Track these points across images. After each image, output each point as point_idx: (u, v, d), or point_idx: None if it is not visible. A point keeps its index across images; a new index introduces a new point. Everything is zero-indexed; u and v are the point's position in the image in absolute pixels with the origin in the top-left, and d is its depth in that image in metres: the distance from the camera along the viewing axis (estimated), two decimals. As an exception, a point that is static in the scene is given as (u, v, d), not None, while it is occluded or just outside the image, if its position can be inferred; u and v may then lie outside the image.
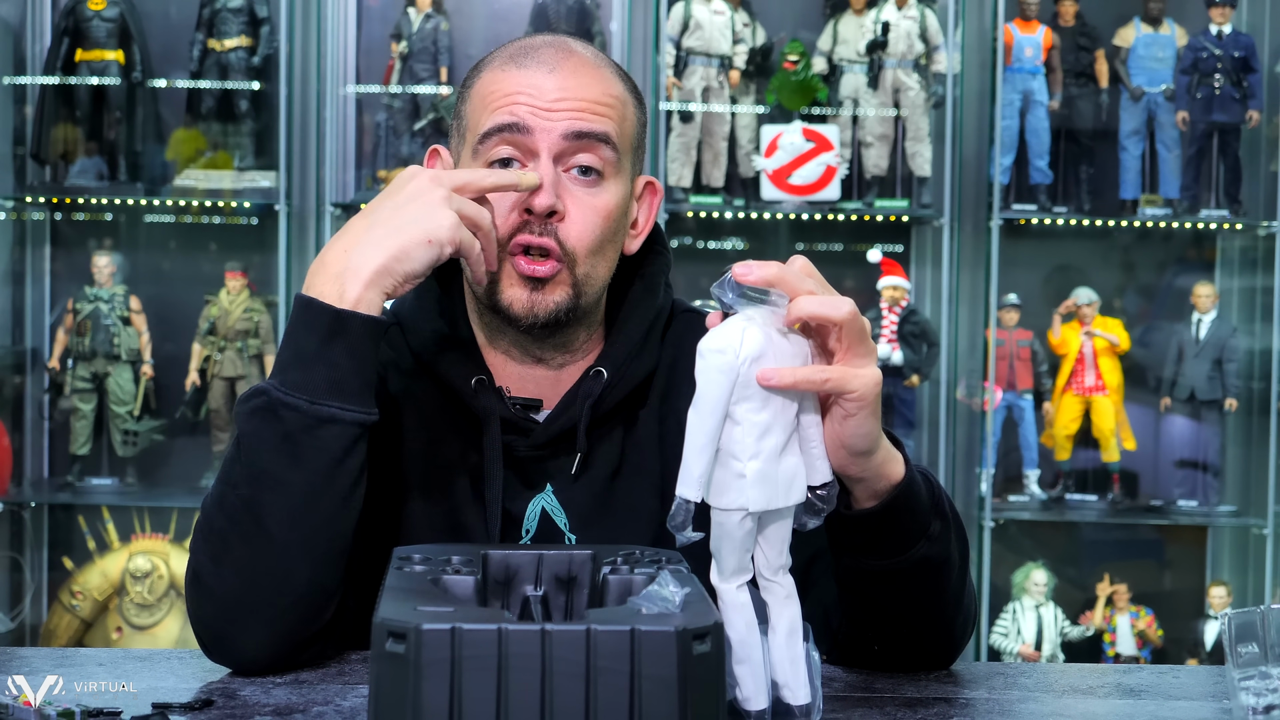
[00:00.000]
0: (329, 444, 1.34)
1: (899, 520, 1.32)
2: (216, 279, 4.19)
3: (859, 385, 1.21)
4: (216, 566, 1.37)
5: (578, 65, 1.50)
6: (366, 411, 1.36)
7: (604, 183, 1.49)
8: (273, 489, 1.34)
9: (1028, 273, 4.43)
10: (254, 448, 1.35)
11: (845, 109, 4.18)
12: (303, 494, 1.34)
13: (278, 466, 1.34)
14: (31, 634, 4.27)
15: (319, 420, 1.34)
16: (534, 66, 1.49)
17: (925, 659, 1.44)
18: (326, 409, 1.34)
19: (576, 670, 1.02)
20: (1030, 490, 4.31)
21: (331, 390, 1.35)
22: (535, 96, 1.47)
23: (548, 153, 1.46)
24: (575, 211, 1.47)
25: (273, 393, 1.35)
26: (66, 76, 4.13)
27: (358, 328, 1.35)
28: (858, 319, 1.20)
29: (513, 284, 1.47)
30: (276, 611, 1.36)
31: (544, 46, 1.51)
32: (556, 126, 1.46)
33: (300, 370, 1.35)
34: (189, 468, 4.30)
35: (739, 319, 1.15)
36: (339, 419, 1.34)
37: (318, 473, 1.34)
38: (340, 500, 1.36)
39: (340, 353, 1.35)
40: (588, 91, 1.48)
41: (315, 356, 1.35)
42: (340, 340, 1.35)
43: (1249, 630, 1.26)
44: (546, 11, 4.16)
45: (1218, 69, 4.18)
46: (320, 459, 1.34)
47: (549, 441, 1.51)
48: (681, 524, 1.13)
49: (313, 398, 1.34)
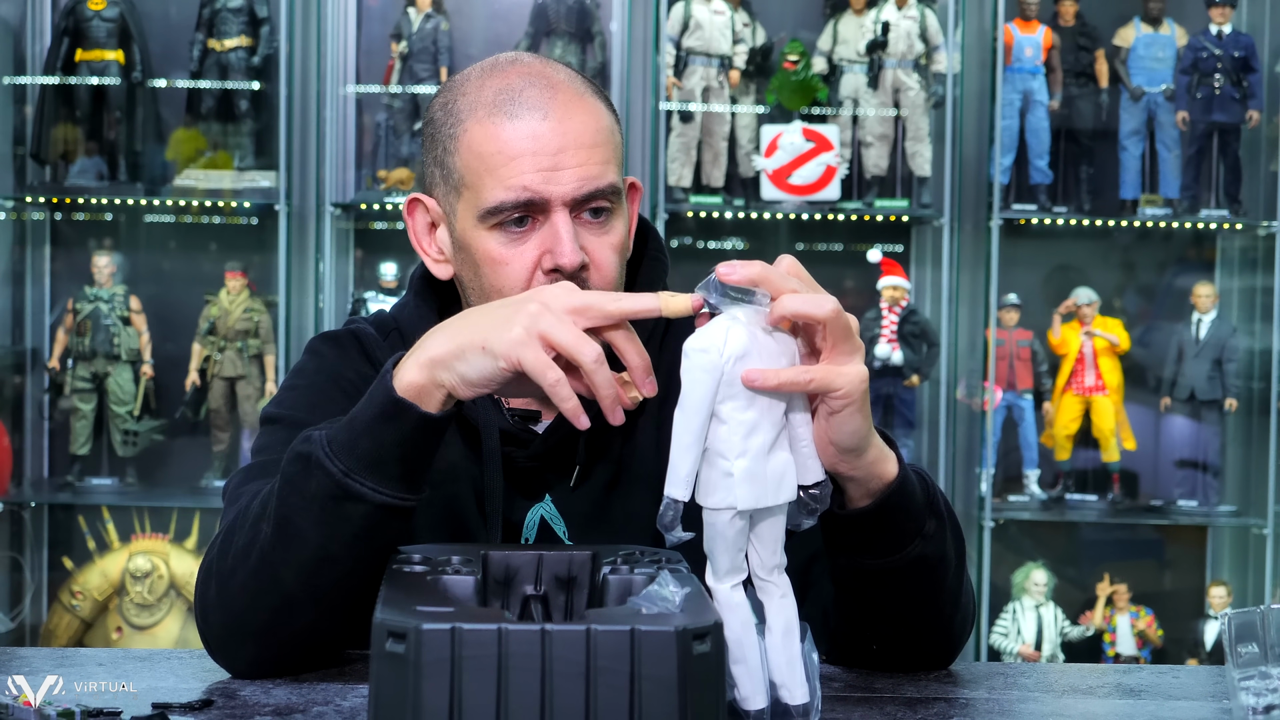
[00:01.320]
0: (352, 517, 1.29)
1: (893, 519, 1.32)
2: (216, 279, 4.19)
3: (844, 383, 1.20)
4: (227, 579, 1.37)
5: (567, 102, 1.47)
6: (400, 497, 1.29)
7: (613, 217, 1.49)
8: (293, 541, 1.31)
9: (1028, 273, 4.43)
10: (285, 494, 1.32)
11: (845, 109, 4.18)
12: (318, 556, 1.31)
13: (303, 522, 1.31)
14: (31, 634, 4.27)
15: (345, 493, 1.29)
16: (526, 115, 1.46)
17: (923, 658, 1.44)
18: (357, 485, 1.28)
19: (576, 670, 1.02)
20: (1030, 490, 4.31)
21: (369, 467, 1.28)
22: (538, 153, 1.44)
23: (563, 211, 1.45)
24: (596, 256, 1.47)
25: (318, 446, 1.30)
26: (66, 76, 4.13)
27: (412, 420, 1.27)
28: (842, 316, 1.19)
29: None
30: (273, 641, 1.37)
31: (526, 87, 1.47)
32: (568, 186, 1.44)
33: (349, 434, 1.29)
34: (189, 468, 4.30)
35: (724, 318, 1.15)
36: (366, 498, 1.28)
37: (337, 540, 1.30)
38: (357, 566, 1.32)
39: (389, 436, 1.28)
40: (585, 132, 1.46)
41: (364, 430, 1.28)
42: (393, 425, 1.28)
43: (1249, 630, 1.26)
44: (546, 12, 4.16)
45: (1218, 69, 4.18)
46: (343, 528, 1.30)
47: (547, 453, 1.51)
48: (670, 524, 1.13)
49: (348, 469, 1.28)
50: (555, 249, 1.44)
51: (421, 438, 1.28)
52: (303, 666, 1.39)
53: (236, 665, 1.39)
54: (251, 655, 1.38)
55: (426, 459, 1.31)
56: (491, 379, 1.25)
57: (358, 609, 1.35)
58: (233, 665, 1.39)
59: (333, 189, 4.18)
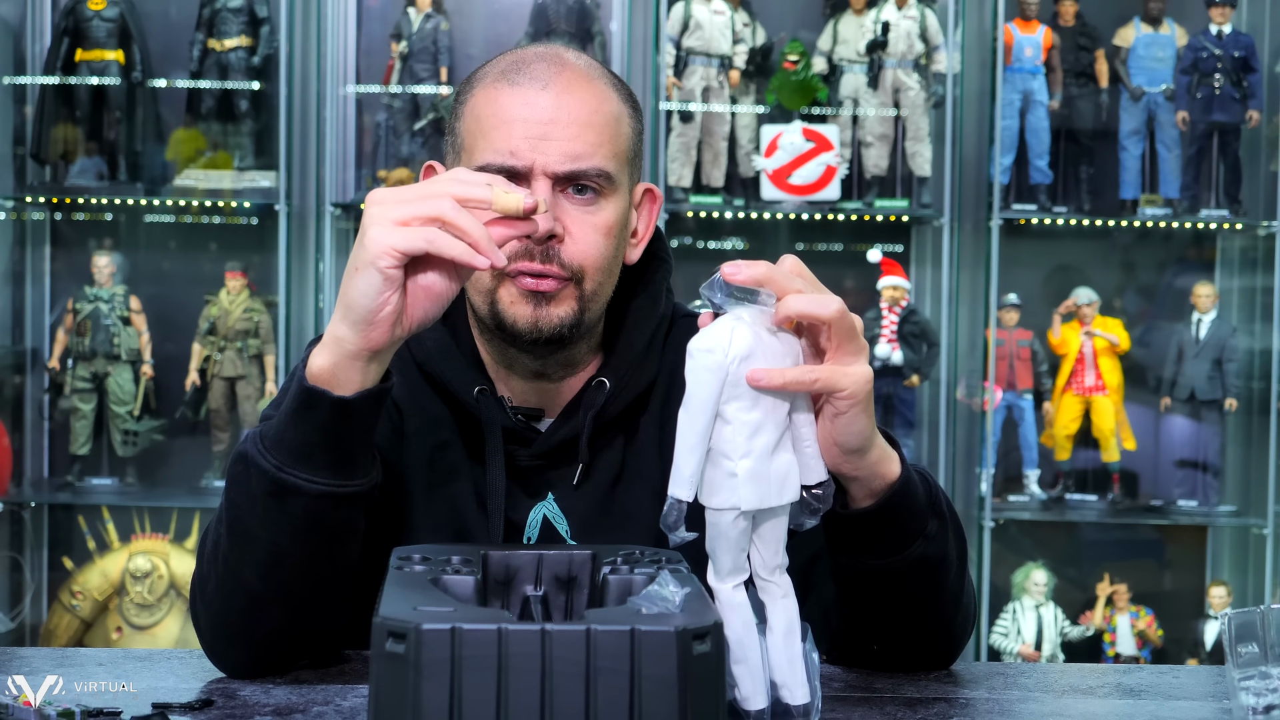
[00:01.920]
0: (293, 511, 1.30)
1: (896, 519, 1.32)
2: (216, 279, 4.19)
3: (849, 383, 1.20)
4: (203, 588, 1.40)
5: (571, 79, 1.47)
6: (338, 484, 1.29)
7: (601, 200, 1.48)
8: (244, 540, 1.33)
9: (1028, 273, 4.43)
10: (232, 494, 1.35)
11: (845, 109, 4.18)
12: (270, 551, 1.33)
13: (249, 519, 1.33)
14: (31, 634, 4.27)
15: (282, 488, 1.30)
16: (527, 84, 1.46)
17: (925, 658, 1.44)
18: (291, 478, 1.29)
19: (576, 670, 1.02)
20: (1030, 490, 4.31)
21: (299, 460, 1.29)
22: (529, 120, 1.44)
23: (544, 180, 1.44)
24: (575, 231, 1.46)
25: (253, 445, 1.32)
26: (66, 76, 4.13)
27: (326, 406, 1.27)
28: (847, 317, 1.19)
29: (514, 300, 1.46)
30: (253, 641, 1.38)
31: (537, 60, 1.49)
32: (551, 157, 1.44)
33: (278, 429, 1.31)
34: (189, 468, 4.30)
35: (728, 318, 1.15)
36: (302, 490, 1.29)
37: (285, 534, 1.31)
38: (314, 559, 1.33)
39: (311, 426, 1.28)
40: (581, 109, 1.46)
41: (288, 422, 1.30)
42: (310, 414, 1.28)
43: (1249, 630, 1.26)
44: (546, 12, 4.16)
45: (1218, 69, 4.18)
46: (286, 522, 1.31)
47: (550, 451, 1.52)
48: (674, 524, 1.13)
49: (280, 463, 1.29)
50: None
51: (343, 423, 1.28)
52: (293, 664, 1.40)
53: (229, 667, 1.40)
54: (238, 657, 1.39)
55: (358, 443, 1.30)
56: (380, 291, 1.24)
57: (329, 604, 1.37)
58: (226, 667, 1.40)
59: (333, 189, 4.18)
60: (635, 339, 1.55)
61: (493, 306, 1.47)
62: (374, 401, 1.29)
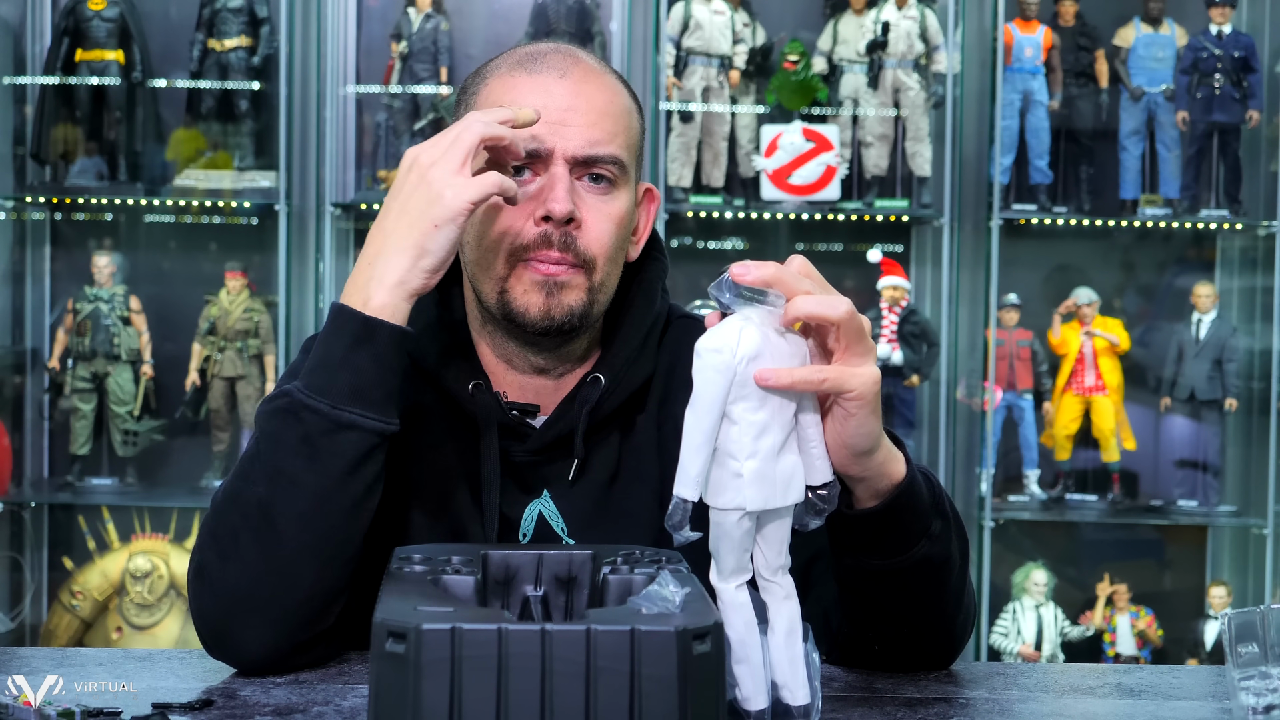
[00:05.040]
0: (346, 449, 1.35)
1: (900, 520, 1.32)
2: (216, 279, 4.20)
3: (857, 384, 1.21)
4: (223, 562, 1.37)
5: (586, 72, 1.51)
6: (386, 421, 1.37)
7: (615, 190, 1.50)
8: (288, 489, 1.35)
9: (1028, 273, 4.43)
10: (273, 447, 1.36)
11: (845, 109, 4.18)
12: (316, 496, 1.35)
13: (295, 467, 1.35)
14: (31, 634, 4.27)
15: (338, 425, 1.35)
16: (544, 72, 1.50)
17: (925, 659, 1.44)
18: (347, 415, 1.35)
19: (576, 670, 1.02)
20: (1030, 490, 4.31)
21: (353, 397, 1.35)
22: (548, 106, 1.47)
23: (563, 163, 1.47)
24: (591, 218, 1.48)
25: (296, 394, 1.36)
26: (66, 76, 4.13)
27: (385, 336, 1.36)
28: (855, 318, 1.20)
29: (527, 289, 1.47)
30: (280, 611, 1.36)
31: (551, 53, 1.52)
32: (570, 142, 1.47)
33: (325, 374, 1.36)
34: (189, 468, 4.30)
35: (736, 319, 1.15)
36: (358, 425, 1.35)
37: (332, 476, 1.35)
38: (352, 505, 1.36)
39: (366, 360, 1.36)
40: (597, 99, 1.49)
41: (341, 362, 1.36)
42: (366, 348, 1.35)
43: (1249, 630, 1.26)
44: (546, 11, 4.16)
45: (1218, 69, 4.18)
46: (337, 463, 1.35)
47: (546, 447, 1.52)
48: (679, 523, 1.13)
49: (335, 402, 1.35)
50: (547, 195, 1.46)
51: (396, 355, 1.37)
52: (307, 648, 1.38)
53: (241, 653, 1.38)
54: (255, 637, 1.36)
55: (396, 380, 1.38)
56: (454, 241, 1.37)
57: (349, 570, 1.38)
58: (237, 654, 1.38)
59: (333, 189, 4.18)
60: (631, 336, 1.55)
61: (503, 295, 1.49)
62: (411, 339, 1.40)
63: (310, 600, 1.37)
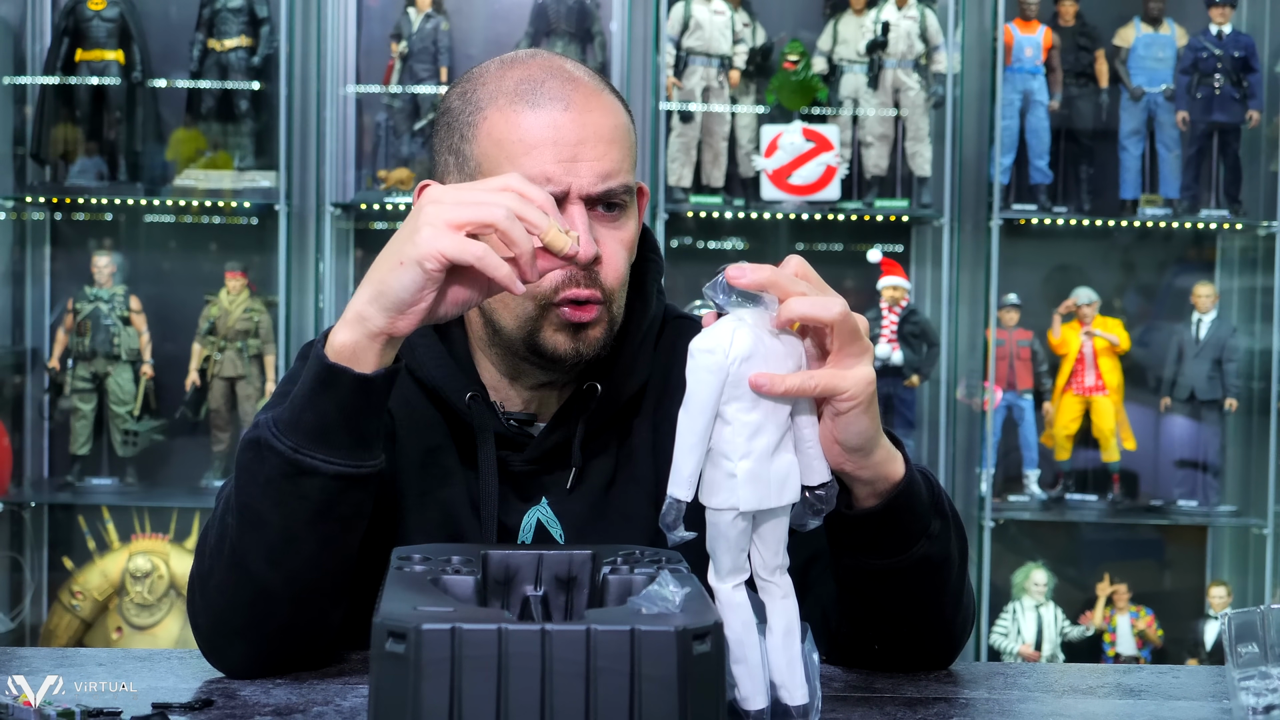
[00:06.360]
0: (309, 493, 1.30)
1: (900, 519, 1.32)
2: (216, 279, 4.19)
3: (849, 386, 1.20)
4: (205, 584, 1.39)
5: (587, 97, 1.46)
6: (354, 465, 1.31)
7: (625, 214, 1.48)
8: (254, 526, 1.33)
9: (1028, 273, 4.43)
10: (246, 481, 1.34)
11: (845, 109, 4.18)
12: (283, 537, 1.32)
13: (262, 506, 1.32)
14: (31, 634, 4.27)
15: (299, 470, 1.30)
16: (547, 105, 1.44)
17: (925, 658, 1.44)
18: (308, 459, 1.30)
19: (576, 670, 1.02)
20: (1030, 490, 4.31)
21: (316, 440, 1.30)
22: (559, 143, 1.43)
23: (580, 204, 1.43)
24: (607, 250, 1.46)
25: (264, 429, 1.32)
26: (66, 76, 4.13)
27: (346, 384, 1.28)
28: (849, 319, 1.19)
29: (556, 330, 1.46)
30: (259, 637, 1.37)
31: (547, 78, 1.46)
32: (585, 179, 1.43)
33: (293, 411, 1.31)
34: (189, 468, 4.30)
35: (730, 319, 1.15)
36: (319, 471, 1.30)
37: (298, 518, 1.31)
38: (324, 545, 1.33)
39: (329, 405, 1.29)
40: (604, 126, 1.45)
41: (306, 403, 1.30)
42: (330, 393, 1.29)
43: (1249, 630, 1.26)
44: (546, 12, 4.16)
45: (1218, 69, 4.18)
46: (301, 506, 1.31)
47: (543, 456, 1.51)
48: (673, 523, 1.13)
49: (297, 444, 1.30)
50: None
51: (362, 400, 1.29)
52: (296, 662, 1.39)
53: (230, 667, 1.39)
54: (240, 654, 1.38)
55: (373, 423, 1.32)
56: (421, 287, 1.25)
57: (330, 598, 1.37)
58: (226, 667, 1.39)
59: (333, 189, 4.18)
60: (627, 343, 1.54)
61: (531, 336, 1.47)
62: (389, 380, 1.31)
63: (289, 630, 1.37)
